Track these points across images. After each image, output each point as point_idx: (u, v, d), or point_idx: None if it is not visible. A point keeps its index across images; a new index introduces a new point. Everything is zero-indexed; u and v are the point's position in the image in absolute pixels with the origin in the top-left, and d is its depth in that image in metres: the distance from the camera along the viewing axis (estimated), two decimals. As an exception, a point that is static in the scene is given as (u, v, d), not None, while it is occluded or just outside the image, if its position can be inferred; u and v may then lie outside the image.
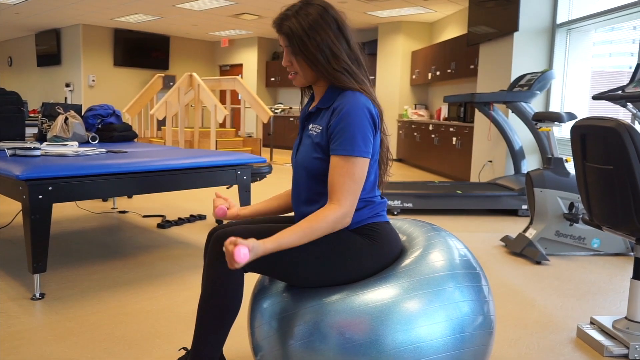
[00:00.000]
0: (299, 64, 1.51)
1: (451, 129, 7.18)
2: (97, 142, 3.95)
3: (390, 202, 4.60)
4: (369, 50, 10.06)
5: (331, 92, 1.53)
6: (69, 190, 2.54)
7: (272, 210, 1.75)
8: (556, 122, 3.62)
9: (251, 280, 1.81)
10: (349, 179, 1.43)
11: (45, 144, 3.52)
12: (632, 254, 3.43)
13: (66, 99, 11.47)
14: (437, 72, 8.24)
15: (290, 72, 1.55)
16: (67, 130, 3.83)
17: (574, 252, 3.53)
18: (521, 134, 5.30)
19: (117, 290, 2.66)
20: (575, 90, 5.40)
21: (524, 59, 5.44)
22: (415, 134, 8.43)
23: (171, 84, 9.09)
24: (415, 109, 9.24)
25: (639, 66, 2.73)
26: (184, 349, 1.68)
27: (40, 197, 2.42)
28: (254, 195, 3.28)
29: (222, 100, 9.96)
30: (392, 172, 1.65)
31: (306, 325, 1.42)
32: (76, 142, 3.69)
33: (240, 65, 12.87)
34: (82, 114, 4.22)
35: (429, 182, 5.46)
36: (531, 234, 3.45)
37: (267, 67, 12.51)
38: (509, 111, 5.37)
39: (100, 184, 2.66)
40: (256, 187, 6.03)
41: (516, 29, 5.34)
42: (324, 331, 1.40)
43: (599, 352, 2.08)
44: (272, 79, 12.42)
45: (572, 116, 3.71)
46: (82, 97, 11.23)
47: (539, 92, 4.86)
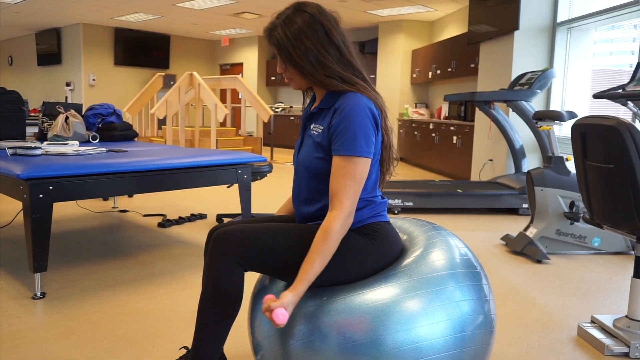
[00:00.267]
0: (290, 72, 1.54)
1: (452, 128, 7.17)
2: (97, 141, 3.95)
3: (390, 201, 4.60)
4: (369, 49, 10.05)
5: (332, 92, 1.53)
6: (70, 189, 2.55)
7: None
8: (557, 121, 3.62)
9: (251, 279, 1.81)
10: (350, 179, 1.43)
11: (45, 143, 3.52)
12: (633, 253, 3.44)
13: (67, 98, 11.47)
14: (438, 71, 8.24)
15: (286, 77, 1.57)
16: (68, 129, 3.83)
17: (575, 251, 3.53)
18: (522, 133, 5.30)
19: (118, 289, 2.66)
20: (575, 88, 5.40)
21: (524, 57, 5.44)
22: (415, 132, 8.43)
23: (172, 83, 9.09)
24: (415, 107, 9.24)
25: (639, 65, 2.72)
26: (184, 348, 1.68)
27: (40, 196, 2.42)
28: (254, 194, 3.28)
29: (223, 99, 9.96)
30: (394, 172, 1.65)
31: (306, 324, 1.42)
32: (77, 142, 3.69)
33: (240, 64, 12.87)
34: (83, 113, 4.22)
35: (429, 181, 5.45)
36: (532, 232, 3.45)
37: (268, 66, 12.50)
38: (510, 110, 5.37)
39: (100, 183, 2.66)
40: (257, 186, 6.04)
41: (517, 27, 5.34)
42: (324, 331, 1.40)
43: (600, 351, 2.08)
44: (273, 78, 12.41)
45: (572, 115, 3.71)
46: (82, 96, 11.24)
47: (539, 91, 4.85)
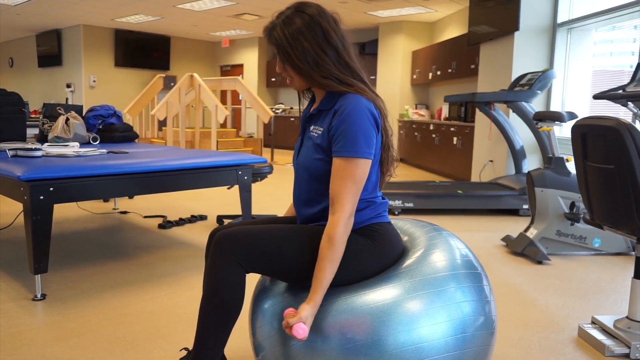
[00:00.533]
0: (289, 72, 1.54)
1: (452, 129, 7.17)
2: (98, 142, 3.95)
3: (391, 202, 4.60)
4: (369, 50, 10.06)
5: (331, 94, 1.53)
6: (70, 190, 2.55)
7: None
8: (557, 122, 3.62)
9: (253, 280, 1.81)
10: (351, 181, 1.43)
11: (46, 144, 3.52)
12: (633, 254, 3.44)
13: (67, 99, 11.48)
14: (438, 72, 8.24)
15: (285, 77, 1.57)
16: (68, 130, 3.83)
17: (575, 252, 3.53)
18: (522, 134, 5.30)
19: (119, 290, 2.66)
20: (576, 89, 5.40)
21: (524, 58, 5.44)
22: (416, 133, 8.43)
23: (172, 84, 9.09)
24: (416, 108, 9.24)
25: (639, 65, 2.72)
26: (185, 349, 1.69)
27: (41, 197, 2.42)
28: (255, 195, 3.28)
29: (223, 100, 9.96)
30: (394, 173, 1.65)
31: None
32: (77, 143, 3.69)
33: (240, 65, 12.87)
34: (83, 114, 4.22)
35: (429, 182, 5.45)
36: (532, 233, 3.45)
37: (268, 68, 12.51)
38: (510, 111, 5.37)
39: (101, 185, 2.66)
40: (257, 187, 6.04)
41: (517, 28, 5.34)
42: (325, 331, 1.40)
43: (601, 352, 2.08)
44: (273, 79, 12.42)
45: (572, 115, 3.71)
46: (83, 97, 11.24)
47: (539, 92, 4.85)
